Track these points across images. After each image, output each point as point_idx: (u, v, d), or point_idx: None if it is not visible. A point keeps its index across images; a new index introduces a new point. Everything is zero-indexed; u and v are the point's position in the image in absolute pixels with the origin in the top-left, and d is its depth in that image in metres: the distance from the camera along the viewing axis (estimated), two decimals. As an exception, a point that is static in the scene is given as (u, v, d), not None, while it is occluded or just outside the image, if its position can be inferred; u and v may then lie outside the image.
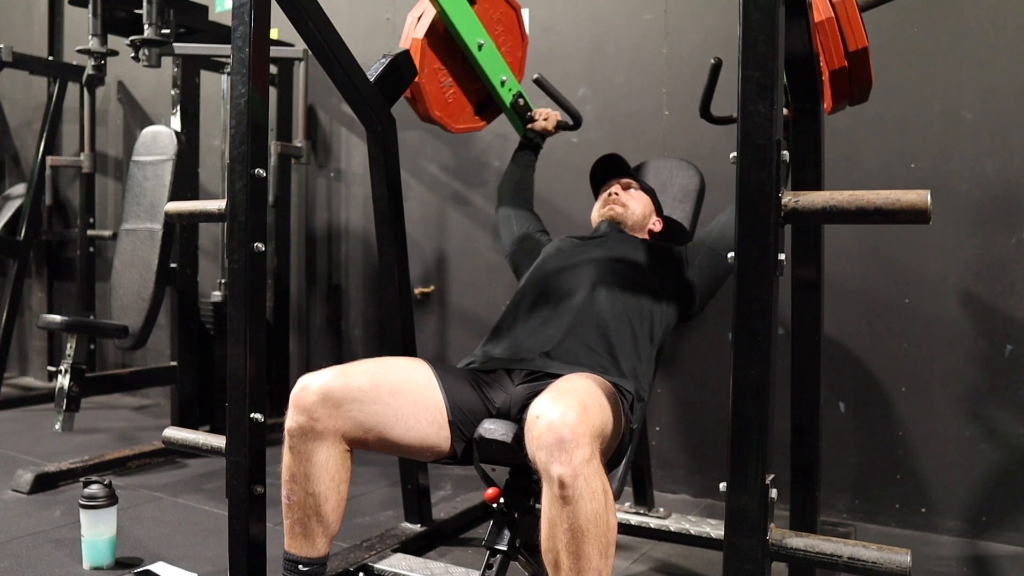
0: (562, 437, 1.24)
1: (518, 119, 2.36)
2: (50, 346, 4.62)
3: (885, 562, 1.06)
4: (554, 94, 2.36)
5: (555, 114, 2.36)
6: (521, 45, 2.38)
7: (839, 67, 1.69)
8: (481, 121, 2.37)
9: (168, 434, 1.79)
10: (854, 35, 1.67)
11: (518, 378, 1.66)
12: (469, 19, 2.14)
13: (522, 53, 2.39)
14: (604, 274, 1.81)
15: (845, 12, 1.65)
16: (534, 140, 2.34)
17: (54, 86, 3.92)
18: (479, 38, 2.17)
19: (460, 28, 2.12)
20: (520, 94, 2.33)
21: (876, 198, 1.07)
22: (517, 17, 2.35)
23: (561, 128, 2.38)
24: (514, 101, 2.32)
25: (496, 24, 2.28)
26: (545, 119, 2.34)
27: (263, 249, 1.63)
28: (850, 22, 1.66)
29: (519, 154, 2.34)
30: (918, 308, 2.42)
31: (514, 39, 2.35)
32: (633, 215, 2.03)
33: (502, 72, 2.27)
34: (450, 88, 2.25)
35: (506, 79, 2.28)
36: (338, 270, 3.65)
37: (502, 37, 2.30)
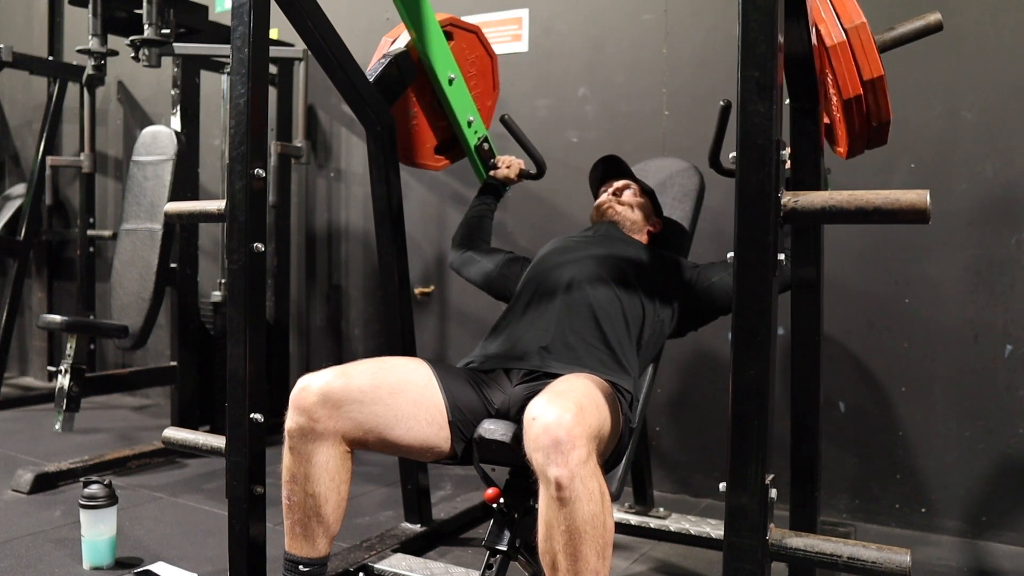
0: (558, 439, 1.24)
1: (481, 164, 2.31)
2: (50, 346, 4.62)
3: (885, 562, 1.06)
4: (520, 138, 2.26)
5: (518, 162, 2.28)
6: (492, 95, 2.34)
7: (853, 95, 1.57)
8: (443, 160, 2.32)
9: (168, 434, 1.79)
10: (868, 63, 1.54)
11: (516, 378, 1.66)
12: (443, 51, 2.12)
13: (492, 103, 2.34)
14: (601, 269, 1.81)
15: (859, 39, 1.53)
16: (495, 186, 2.28)
17: (54, 86, 3.92)
18: (450, 72, 2.15)
19: (433, 57, 2.09)
20: (486, 138, 2.28)
21: (875, 198, 1.07)
22: (492, 65, 2.31)
23: (524, 177, 2.29)
24: (479, 144, 2.26)
25: (470, 66, 2.25)
26: (508, 167, 2.26)
27: (263, 249, 1.63)
28: (864, 48, 1.53)
29: (479, 200, 2.26)
30: (918, 308, 2.42)
31: (485, 86, 2.31)
32: (632, 216, 2.02)
33: (470, 112, 2.22)
34: (414, 119, 2.21)
35: (472, 120, 2.24)
36: (338, 270, 3.65)
37: (474, 80, 2.27)
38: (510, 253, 2.14)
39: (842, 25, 1.56)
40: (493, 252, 2.14)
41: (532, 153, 2.27)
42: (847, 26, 1.57)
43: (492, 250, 2.16)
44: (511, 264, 2.08)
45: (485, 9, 3.15)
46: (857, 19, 1.56)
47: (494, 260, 2.10)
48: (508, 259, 2.10)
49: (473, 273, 2.12)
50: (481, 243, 2.18)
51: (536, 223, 3.03)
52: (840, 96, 1.61)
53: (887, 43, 1.67)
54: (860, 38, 1.56)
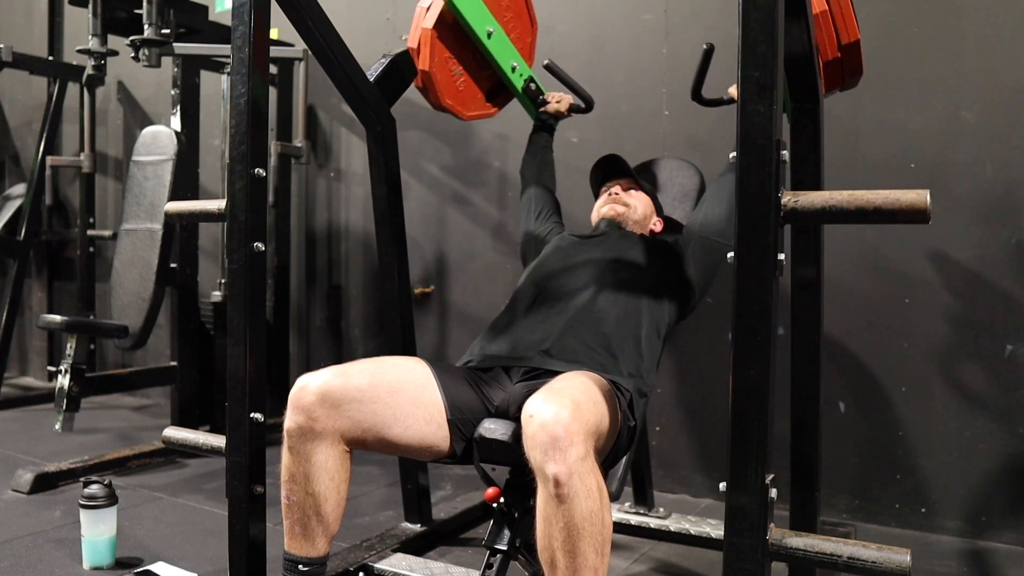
0: (556, 436, 1.24)
1: (531, 103, 2.35)
2: (50, 346, 4.62)
3: (885, 562, 1.06)
4: (565, 79, 2.35)
5: (567, 97, 2.35)
6: (531, 31, 2.36)
7: (832, 58, 1.74)
8: (493, 108, 2.36)
9: (168, 434, 1.79)
10: (847, 28, 1.71)
11: (516, 376, 1.66)
12: (477, 7, 2.13)
13: (531, 39, 2.37)
14: (604, 273, 1.81)
15: (839, 6, 1.68)
16: (548, 122, 2.34)
17: (54, 86, 3.92)
18: (488, 26, 2.16)
19: (469, 17, 2.11)
20: (532, 79, 2.32)
21: (876, 198, 1.07)
22: (526, 2, 2.33)
23: (574, 111, 2.37)
24: (525, 86, 2.31)
25: (505, 11, 2.27)
26: (558, 102, 2.34)
27: (263, 249, 1.63)
28: (843, 16, 1.69)
29: (535, 137, 2.34)
30: (918, 308, 2.42)
31: (523, 25, 2.34)
32: (634, 215, 2.02)
33: (512, 58, 2.26)
34: (461, 76, 2.24)
35: (516, 65, 2.27)
36: (338, 270, 3.65)
37: (511, 24, 2.29)
38: (551, 212, 2.22)
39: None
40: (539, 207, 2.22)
41: (579, 91, 2.36)
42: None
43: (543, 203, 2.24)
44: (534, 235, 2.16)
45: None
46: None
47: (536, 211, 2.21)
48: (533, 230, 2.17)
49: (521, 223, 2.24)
50: (546, 176, 2.30)
51: (536, 223, 3.03)
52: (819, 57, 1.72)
53: None
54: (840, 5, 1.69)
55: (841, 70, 1.78)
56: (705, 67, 2.10)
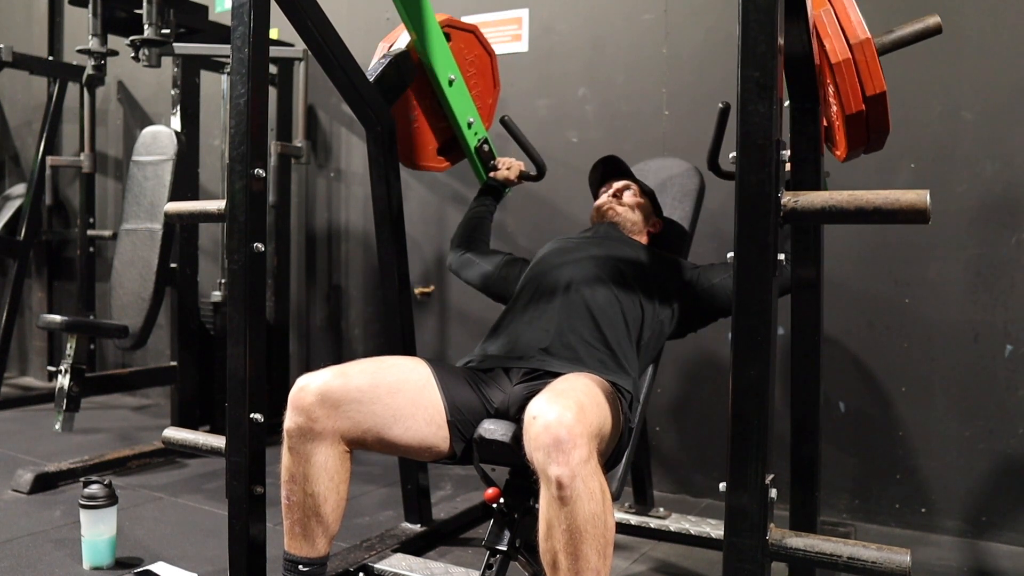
0: (559, 438, 1.24)
1: (481, 165, 2.30)
2: (50, 346, 4.62)
3: (885, 562, 1.06)
4: (520, 139, 2.25)
5: (518, 164, 2.28)
6: (492, 92, 2.34)
7: (856, 111, 1.59)
8: (444, 162, 2.33)
9: (168, 434, 1.79)
10: (872, 79, 1.56)
11: (516, 377, 1.66)
12: (443, 52, 2.11)
13: (492, 100, 2.34)
14: (601, 270, 1.81)
15: (863, 55, 1.55)
16: (495, 188, 2.28)
17: (54, 86, 3.92)
18: (451, 72, 2.14)
19: (433, 58, 2.09)
20: (486, 140, 2.28)
21: (875, 198, 1.07)
22: (491, 63, 2.31)
23: (524, 179, 2.28)
24: (479, 146, 2.27)
25: (469, 66, 2.25)
26: (508, 168, 2.26)
27: (263, 249, 1.63)
28: (868, 64, 1.55)
29: (479, 200, 2.26)
30: (918, 308, 2.42)
31: (485, 84, 2.31)
32: (632, 216, 2.02)
33: (470, 113, 2.23)
34: (415, 123, 2.21)
35: (472, 121, 2.24)
36: (338, 270, 3.65)
37: (473, 80, 2.27)
38: (509, 255, 2.14)
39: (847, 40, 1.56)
40: (492, 254, 2.14)
41: (532, 155, 2.27)
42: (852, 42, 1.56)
43: (491, 252, 2.16)
44: (510, 265, 2.08)
45: (485, 9, 3.15)
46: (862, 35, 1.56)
47: (493, 262, 2.10)
48: (507, 260, 2.10)
49: (472, 275, 2.12)
50: (480, 244, 2.18)
51: (536, 223, 3.03)
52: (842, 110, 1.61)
53: (886, 46, 1.67)
54: (865, 53, 1.56)
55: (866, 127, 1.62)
56: (721, 130, 1.92)
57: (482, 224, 2.22)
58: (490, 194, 2.27)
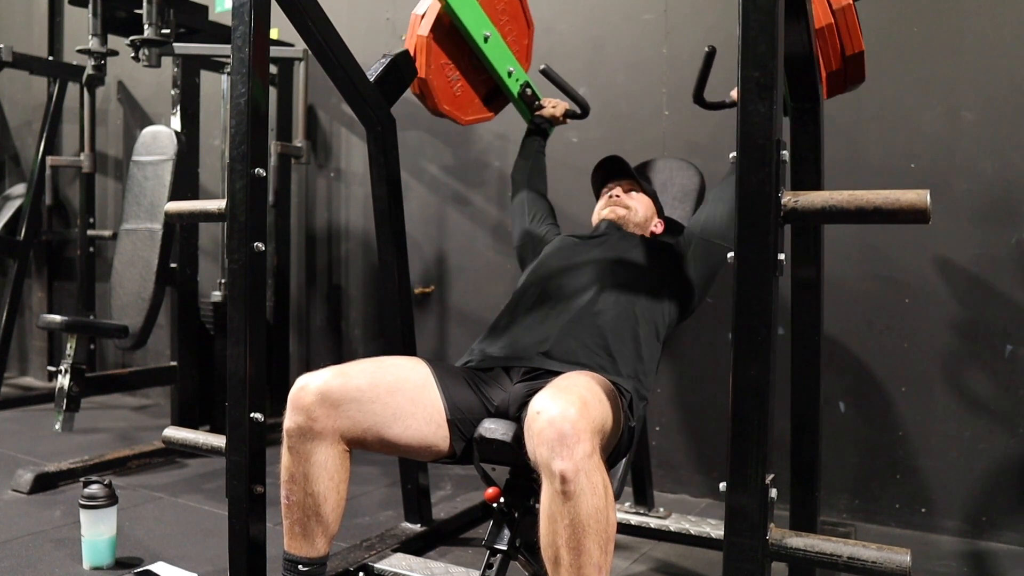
0: (563, 432, 1.24)
1: (526, 108, 2.36)
2: (50, 346, 4.62)
3: (885, 562, 1.06)
4: (561, 84, 2.36)
5: (563, 104, 2.37)
6: (527, 32, 2.37)
7: (836, 69, 1.74)
8: (490, 112, 2.37)
9: (168, 434, 1.79)
10: (852, 41, 1.71)
11: (516, 376, 1.66)
12: (474, 11, 2.13)
13: (528, 40, 2.38)
14: (604, 274, 1.81)
15: (844, 19, 1.68)
16: (542, 126, 2.35)
17: (54, 86, 3.92)
18: (485, 30, 2.16)
19: (466, 21, 2.11)
20: (528, 83, 2.33)
21: (876, 198, 1.07)
22: (522, 5, 2.33)
23: (569, 116, 2.38)
24: (521, 91, 2.32)
25: (500, 14, 2.26)
26: (554, 107, 2.35)
27: (263, 249, 1.63)
28: (848, 28, 1.69)
29: (528, 140, 2.34)
30: (918, 308, 2.42)
31: (519, 27, 2.34)
32: (635, 217, 2.02)
33: (509, 63, 2.26)
34: (458, 82, 2.24)
35: (513, 70, 2.28)
36: (338, 270, 3.65)
37: (507, 27, 2.28)
38: (546, 214, 2.23)
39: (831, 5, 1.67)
40: (534, 209, 2.23)
41: (575, 96, 2.37)
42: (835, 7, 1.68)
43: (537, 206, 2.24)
44: (531, 236, 2.17)
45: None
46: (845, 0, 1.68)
47: (531, 216, 2.21)
48: (529, 231, 2.18)
49: (514, 227, 2.25)
50: (540, 183, 2.29)
51: (536, 223, 3.03)
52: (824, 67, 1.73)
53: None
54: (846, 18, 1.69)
55: (844, 79, 1.79)
56: (707, 70, 2.09)
57: (537, 160, 2.32)
58: (537, 134, 2.36)
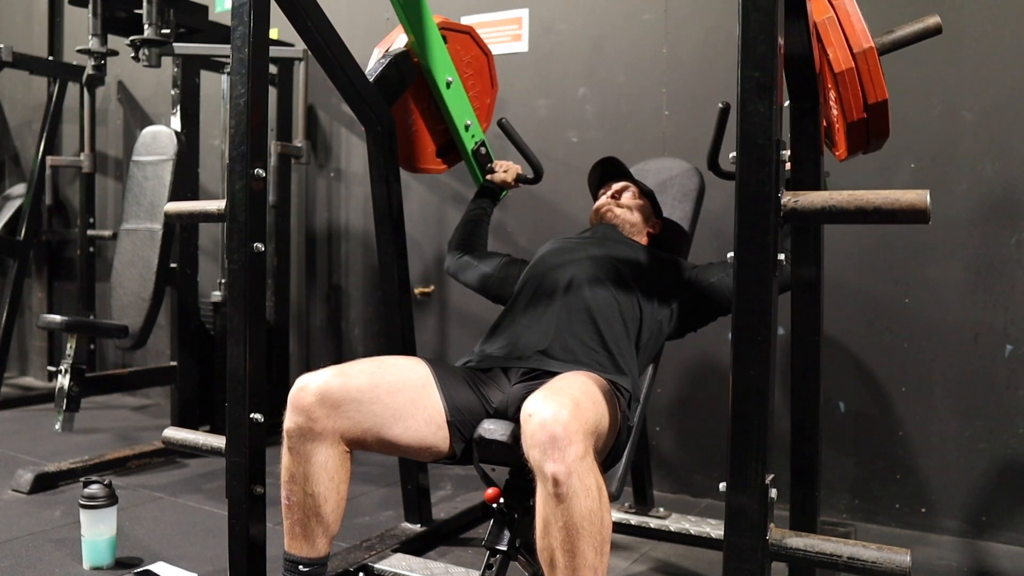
0: (555, 435, 1.24)
1: (478, 168, 2.30)
2: (50, 346, 4.62)
3: (885, 562, 1.06)
4: (517, 142, 2.24)
5: (516, 167, 2.27)
6: (490, 92, 2.34)
7: (857, 119, 1.62)
8: (443, 164, 2.32)
9: (168, 434, 1.80)
10: (875, 88, 1.59)
11: (515, 377, 1.66)
12: (441, 54, 2.11)
13: (490, 100, 2.34)
14: (599, 271, 1.81)
15: (866, 63, 1.57)
16: (492, 191, 2.28)
17: (54, 86, 3.92)
18: (448, 75, 2.14)
19: (431, 61, 2.09)
20: (483, 143, 2.28)
21: (875, 198, 1.07)
22: (488, 63, 2.31)
23: (521, 181, 2.27)
24: (476, 149, 2.27)
25: (466, 67, 2.25)
26: (505, 171, 2.25)
27: (263, 249, 1.63)
28: (871, 74, 1.58)
29: (475, 203, 2.25)
30: (918, 308, 2.42)
31: (483, 85, 2.31)
32: (631, 218, 2.02)
33: (467, 116, 2.23)
34: (413, 126, 2.21)
35: (470, 124, 2.24)
36: (338, 270, 3.65)
37: (471, 81, 2.27)
38: (507, 256, 2.13)
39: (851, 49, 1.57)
40: (490, 256, 2.14)
41: (529, 158, 2.26)
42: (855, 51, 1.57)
43: (489, 254, 2.16)
44: (509, 266, 2.08)
45: (485, 9, 3.15)
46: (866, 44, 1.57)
47: (492, 263, 2.10)
48: (506, 262, 2.10)
49: (470, 277, 2.12)
50: (478, 247, 2.18)
51: (536, 223, 3.03)
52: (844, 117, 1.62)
53: (885, 46, 1.67)
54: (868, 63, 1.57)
55: (866, 132, 1.65)
56: (721, 130, 1.92)
57: (479, 226, 2.21)
58: (487, 196, 2.26)
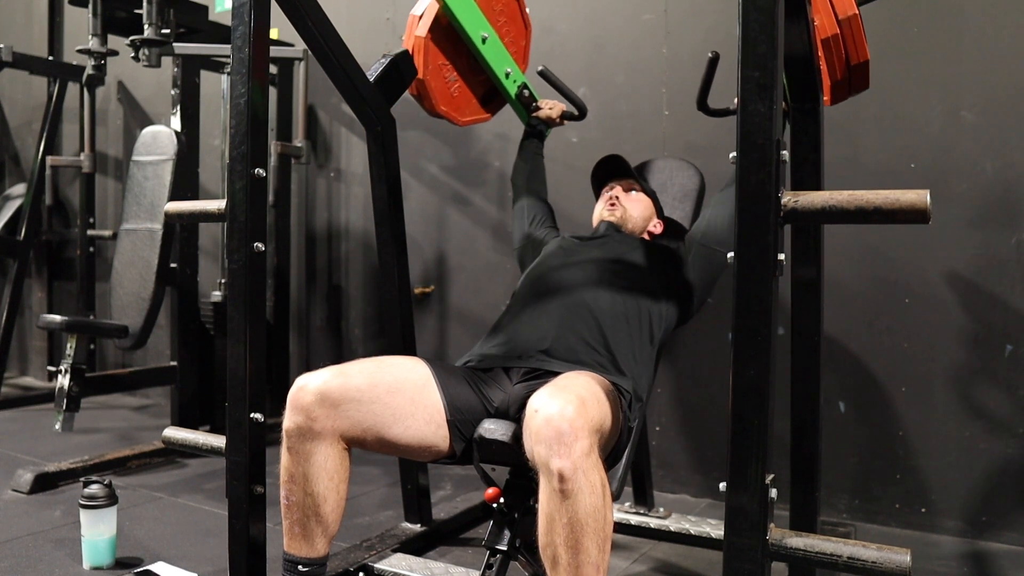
0: (561, 431, 1.24)
1: (523, 109, 2.36)
2: (50, 346, 4.62)
3: (885, 562, 1.06)
4: (558, 85, 2.35)
5: (560, 105, 2.36)
6: (524, 34, 2.37)
7: (841, 78, 1.73)
8: (487, 113, 2.37)
9: (168, 434, 1.79)
10: (857, 50, 1.70)
11: (516, 376, 1.66)
12: (472, 12, 2.14)
13: (525, 42, 2.38)
14: (603, 273, 1.81)
15: (850, 29, 1.67)
16: (538, 128, 2.35)
17: (54, 86, 3.92)
18: (483, 31, 2.17)
19: (463, 22, 2.12)
20: (525, 85, 2.33)
21: (875, 198, 1.07)
22: (519, 6, 2.33)
23: (566, 118, 2.38)
24: (519, 92, 2.32)
25: (498, 15, 2.27)
26: (551, 108, 2.35)
27: (263, 249, 1.63)
28: (854, 38, 1.68)
29: (525, 143, 2.34)
30: (918, 308, 2.42)
31: (517, 29, 2.34)
32: (633, 217, 2.02)
33: (506, 64, 2.27)
34: (455, 83, 2.24)
35: (510, 71, 2.28)
36: (338, 270, 3.65)
37: (505, 28, 2.29)
38: (546, 217, 2.23)
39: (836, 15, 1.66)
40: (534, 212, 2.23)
41: (572, 98, 2.36)
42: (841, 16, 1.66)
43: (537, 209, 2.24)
44: (531, 239, 2.17)
45: (485, 9, 3.14)
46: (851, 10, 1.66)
47: (531, 218, 2.21)
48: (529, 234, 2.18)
49: (515, 230, 2.25)
50: (540, 187, 2.29)
51: (536, 223, 3.03)
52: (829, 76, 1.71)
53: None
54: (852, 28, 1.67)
55: (848, 87, 1.78)
56: (710, 76, 2.07)
57: (536, 163, 2.31)
58: (534, 136, 2.35)
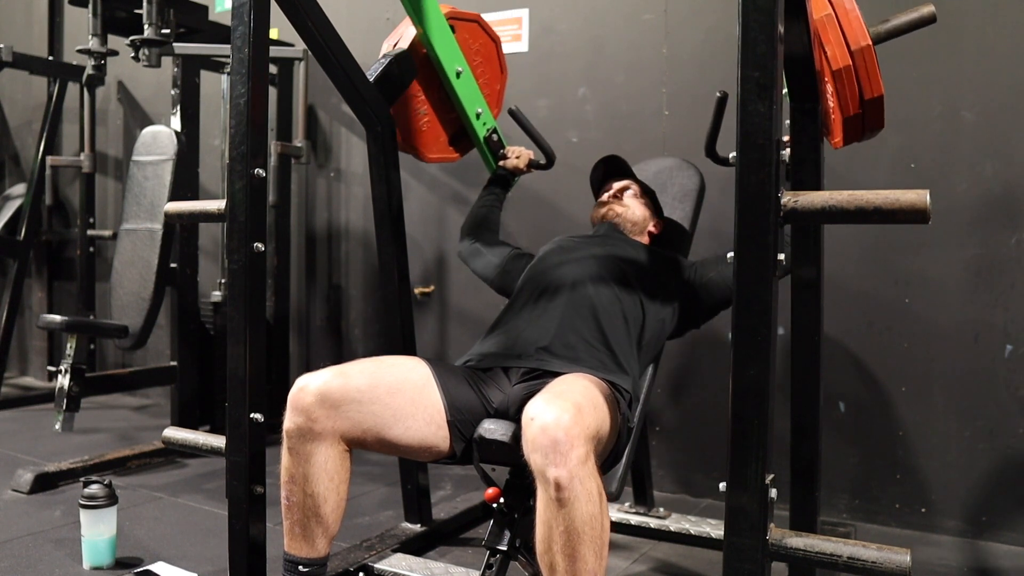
0: (557, 439, 1.24)
1: (490, 155, 2.31)
2: (50, 346, 4.62)
3: (885, 562, 1.06)
4: (528, 129, 2.25)
5: (528, 153, 2.28)
6: (500, 78, 2.34)
7: (854, 114, 1.64)
8: (455, 152, 2.33)
9: (168, 434, 1.79)
10: (871, 83, 1.61)
11: (515, 376, 1.66)
12: (449, 44, 2.12)
13: (500, 87, 2.35)
14: (602, 271, 1.82)
15: (863, 60, 1.59)
16: (504, 177, 2.29)
17: (54, 86, 3.92)
18: (458, 65, 2.15)
19: (440, 52, 2.09)
20: (494, 129, 2.28)
21: (875, 198, 1.07)
22: (496, 50, 2.31)
23: (533, 167, 2.29)
24: (487, 136, 2.27)
25: (475, 55, 2.25)
26: (517, 157, 2.27)
27: (263, 249, 1.63)
28: (867, 70, 1.59)
29: (487, 191, 2.27)
30: (918, 308, 2.42)
31: (492, 72, 2.32)
32: (632, 217, 2.02)
33: (478, 104, 2.24)
34: (425, 116, 2.22)
35: (481, 111, 2.24)
36: (338, 270, 3.65)
37: (480, 68, 2.27)
38: (516, 249, 2.14)
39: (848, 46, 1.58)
40: (499, 245, 2.15)
41: (541, 144, 2.28)
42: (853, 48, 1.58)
43: (499, 243, 2.17)
44: (515, 260, 2.09)
45: (485, 9, 3.14)
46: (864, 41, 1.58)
47: (500, 254, 2.12)
48: (513, 255, 2.11)
49: (479, 265, 2.14)
50: (489, 234, 2.20)
51: (536, 223, 3.03)
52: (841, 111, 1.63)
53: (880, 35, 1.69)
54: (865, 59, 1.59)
55: (862, 125, 1.68)
56: (719, 119, 1.92)
57: (491, 213, 2.24)
58: (499, 184, 2.28)
